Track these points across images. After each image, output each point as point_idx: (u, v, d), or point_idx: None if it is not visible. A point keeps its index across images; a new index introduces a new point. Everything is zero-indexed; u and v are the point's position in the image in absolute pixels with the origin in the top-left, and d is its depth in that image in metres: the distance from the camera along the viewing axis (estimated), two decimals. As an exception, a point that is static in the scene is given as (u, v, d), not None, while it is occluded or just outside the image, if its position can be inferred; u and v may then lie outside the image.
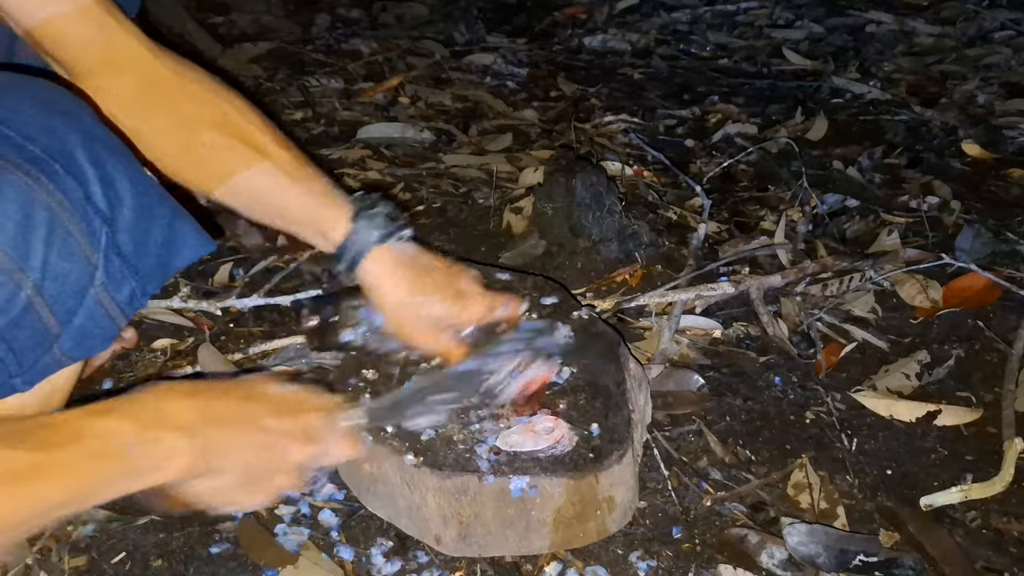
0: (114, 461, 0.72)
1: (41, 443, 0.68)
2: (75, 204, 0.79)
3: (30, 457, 0.67)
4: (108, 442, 0.71)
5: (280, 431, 0.86)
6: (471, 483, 1.00)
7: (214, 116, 1.01)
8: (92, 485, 0.71)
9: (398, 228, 1.09)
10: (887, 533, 1.09)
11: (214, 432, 0.79)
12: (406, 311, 1.10)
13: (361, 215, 1.06)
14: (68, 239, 0.80)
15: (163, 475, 0.75)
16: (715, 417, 1.30)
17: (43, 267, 0.79)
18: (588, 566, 1.04)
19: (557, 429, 1.04)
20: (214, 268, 1.61)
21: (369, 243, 1.06)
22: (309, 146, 2.10)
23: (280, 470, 0.87)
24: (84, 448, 0.70)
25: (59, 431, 0.70)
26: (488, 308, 1.13)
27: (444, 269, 1.13)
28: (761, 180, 2.00)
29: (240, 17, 2.91)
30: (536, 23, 3.10)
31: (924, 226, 1.78)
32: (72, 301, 0.82)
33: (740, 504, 1.15)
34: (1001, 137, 2.24)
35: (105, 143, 0.85)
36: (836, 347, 1.45)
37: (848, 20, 3.10)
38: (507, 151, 2.09)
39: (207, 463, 0.78)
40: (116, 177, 0.83)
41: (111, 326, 0.87)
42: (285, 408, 0.88)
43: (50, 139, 0.80)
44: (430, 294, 1.09)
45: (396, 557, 1.04)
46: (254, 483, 0.85)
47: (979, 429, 1.29)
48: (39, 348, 0.84)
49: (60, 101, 0.85)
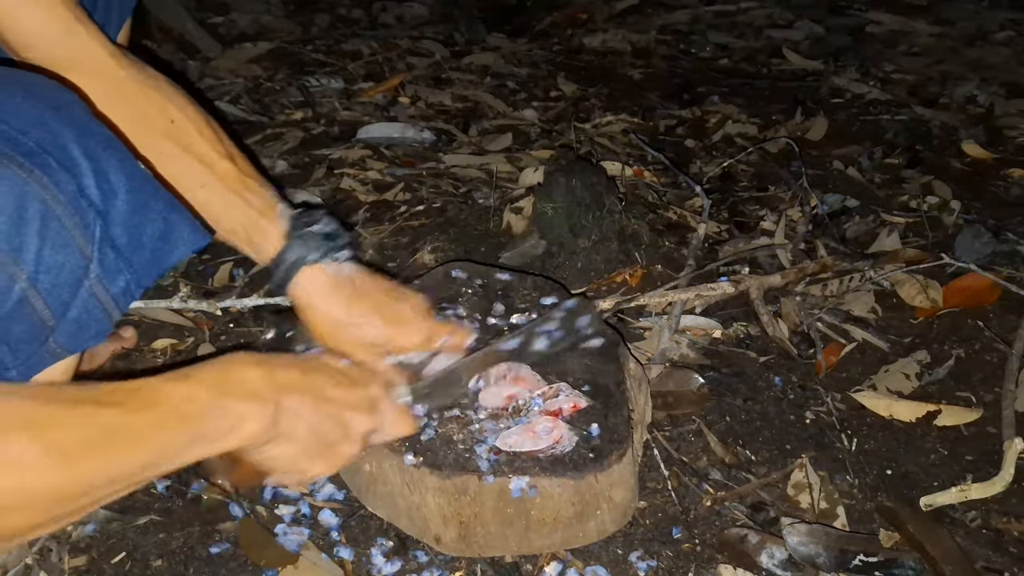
0: (190, 425, 0.74)
1: (127, 403, 0.70)
2: (68, 197, 0.79)
3: (118, 416, 0.69)
4: (185, 406, 0.74)
5: (345, 402, 0.90)
6: (471, 483, 1.00)
7: (162, 123, 1.01)
8: (169, 448, 0.73)
9: (335, 248, 1.05)
10: (887, 533, 1.09)
11: (283, 400, 0.82)
12: (339, 332, 1.07)
13: (296, 232, 1.04)
14: (62, 232, 0.79)
15: (235, 439, 0.78)
16: (715, 417, 1.30)
17: (37, 260, 0.79)
18: (588, 566, 1.04)
19: (556, 429, 1.04)
20: (214, 268, 1.61)
21: (301, 261, 1.04)
22: (309, 146, 2.11)
23: (345, 439, 0.90)
24: (162, 411, 0.72)
25: (137, 395, 0.72)
26: (426, 337, 1.10)
27: (384, 292, 1.10)
28: (761, 180, 2.00)
29: (240, 17, 2.91)
30: (536, 23, 3.10)
31: (924, 226, 1.78)
32: (66, 294, 0.82)
33: (740, 504, 1.15)
34: (1001, 137, 2.24)
35: (98, 136, 0.85)
36: (836, 347, 1.45)
37: (848, 20, 3.10)
38: (507, 151, 2.09)
39: (276, 430, 0.81)
40: (110, 170, 0.83)
41: (106, 319, 0.87)
42: (348, 380, 0.92)
43: (43, 132, 0.80)
44: (365, 316, 1.06)
45: (396, 557, 1.04)
46: (320, 451, 0.88)
47: (979, 429, 1.29)
48: (34, 341, 0.84)
49: (53, 95, 0.85)
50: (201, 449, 0.75)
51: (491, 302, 1.26)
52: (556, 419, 1.06)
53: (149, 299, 1.47)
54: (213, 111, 1.11)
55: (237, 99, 2.35)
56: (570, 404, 1.08)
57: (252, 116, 2.27)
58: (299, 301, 1.07)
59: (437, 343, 1.10)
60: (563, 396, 1.08)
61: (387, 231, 1.74)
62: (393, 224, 1.77)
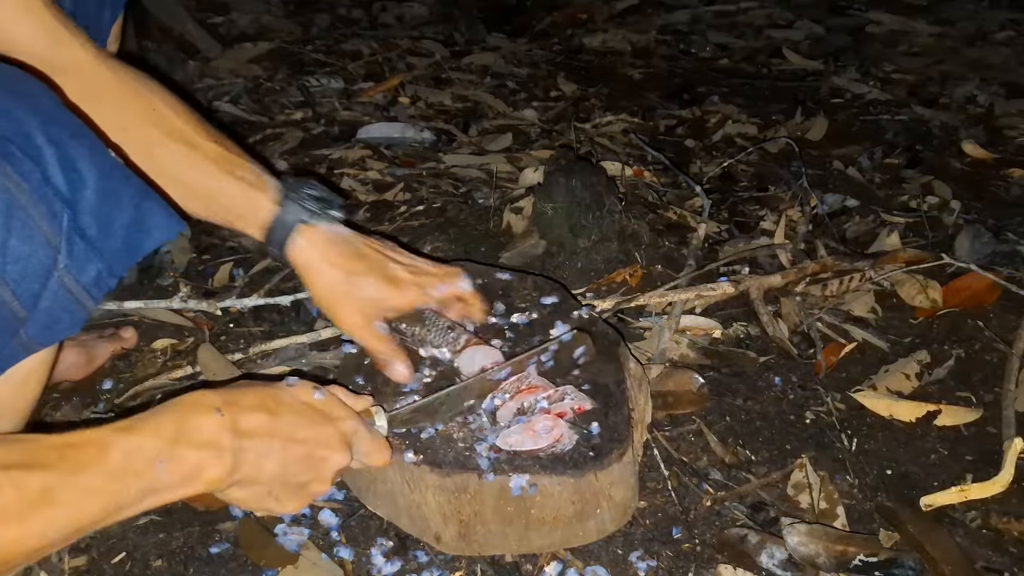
0: (139, 479, 0.71)
1: (64, 463, 0.68)
2: (33, 186, 0.78)
3: (54, 479, 0.66)
4: (133, 460, 0.71)
5: (317, 441, 0.87)
6: (471, 481, 1.00)
7: (145, 112, 1.02)
8: (118, 504, 0.70)
9: (327, 208, 1.08)
10: (887, 533, 1.09)
11: (243, 446, 0.79)
12: (335, 289, 1.09)
13: (289, 196, 1.06)
14: (27, 222, 0.78)
15: (190, 489, 0.76)
16: (715, 417, 1.30)
17: (3, 250, 0.77)
18: (588, 566, 1.04)
19: (556, 428, 1.04)
20: (214, 268, 1.61)
21: (296, 221, 1.06)
22: (309, 146, 2.11)
23: (317, 478, 0.88)
24: (108, 467, 0.70)
25: (82, 451, 0.69)
26: (422, 292, 1.12)
27: (378, 251, 1.12)
28: (761, 180, 2.00)
29: (240, 17, 2.91)
30: (536, 23, 3.10)
31: (924, 226, 1.78)
32: (36, 285, 0.81)
33: (740, 504, 1.15)
34: (1001, 137, 2.24)
35: (65, 125, 0.83)
36: (836, 347, 1.45)
37: (848, 20, 3.10)
38: (507, 151, 2.09)
39: (238, 475, 0.79)
40: (77, 159, 0.82)
41: (79, 310, 0.86)
42: (319, 416, 0.88)
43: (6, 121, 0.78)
44: (361, 276, 1.08)
45: (396, 557, 1.04)
46: (290, 491, 0.86)
47: (979, 429, 1.29)
48: (5, 333, 0.82)
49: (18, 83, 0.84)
50: (155, 499, 0.73)
51: (491, 302, 1.26)
52: (556, 418, 1.06)
53: (149, 299, 1.48)
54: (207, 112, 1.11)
55: (237, 99, 2.35)
56: (576, 406, 1.08)
57: (252, 116, 2.27)
58: (297, 261, 1.08)
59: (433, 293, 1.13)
60: (568, 399, 1.08)
61: (387, 231, 1.74)
62: (393, 224, 1.77)
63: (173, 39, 2.58)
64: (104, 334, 1.39)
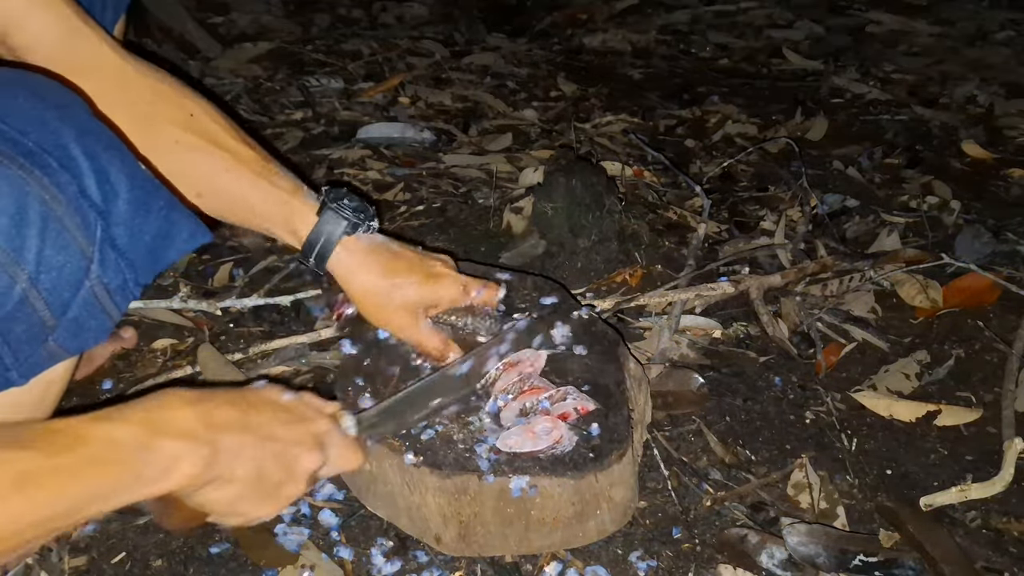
0: (118, 467, 0.71)
1: (45, 448, 0.67)
2: (69, 197, 0.79)
3: (34, 460, 0.66)
4: (112, 448, 0.71)
5: (290, 439, 0.85)
6: (471, 482, 1.00)
7: (181, 116, 1.02)
8: (96, 492, 0.70)
9: (366, 219, 1.09)
10: (887, 533, 1.09)
11: (221, 440, 0.79)
12: (380, 295, 1.11)
13: (327, 208, 1.07)
14: (63, 232, 0.79)
15: (169, 483, 0.75)
16: (715, 417, 1.30)
17: (38, 260, 0.79)
18: (588, 566, 1.04)
19: (556, 430, 1.04)
20: (214, 268, 1.61)
21: (336, 234, 1.07)
22: (309, 146, 2.11)
23: (291, 479, 0.86)
24: (87, 454, 0.69)
25: (63, 436, 0.69)
26: (463, 290, 1.14)
27: (415, 254, 1.14)
28: (761, 180, 2.00)
29: (240, 17, 2.91)
30: (536, 23, 3.10)
31: (924, 226, 1.78)
32: (67, 294, 0.82)
33: (740, 504, 1.15)
34: (1001, 137, 2.24)
35: (99, 136, 0.85)
36: (836, 347, 1.45)
37: (848, 20, 3.10)
38: (507, 151, 2.09)
39: (215, 471, 0.78)
40: (110, 170, 0.83)
41: (105, 319, 0.87)
42: (292, 416, 0.88)
43: (43, 133, 0.80)
44: (404, 277, 1.10)
45: (396, 557, 1.04)
46: (263, 493, 0.85)
47: (979, 429, 1.29)
48: (34, 341, 0.84)
49: (54, 95, 0.85)
50: (133, 491, 0.72)
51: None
52: (556, 419, 1.05)
53: (149, 299, 1.48)
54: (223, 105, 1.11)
55: (237, 99, 2.35)
56: (579, 407, 1.08)
57: (252, 116, 2.27)
58: (339, 273, 1.10)
59: (472, 293, 1.15)
60: (571, 400, 1.08)
61: (387, 231, 1.74)
62: (393, 224, 1.77)
63: (173, 39, 2.58)
64: (104, 334, 1.39)
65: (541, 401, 1.07)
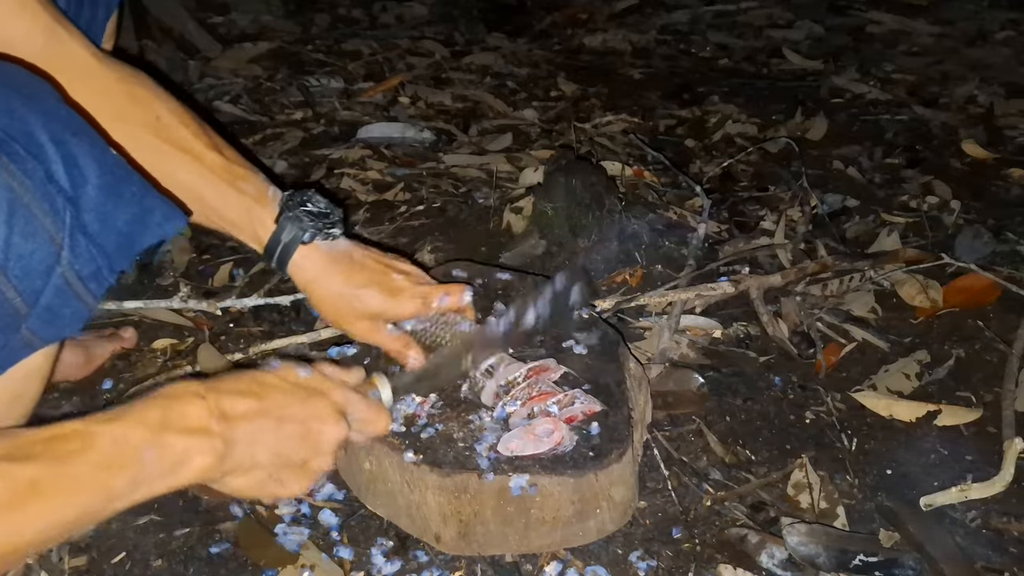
0: (127, 469, 0.70)
1: (50, 455, 0.67)
2: (36, 184, 0.78)
3: (42, 470, 0.66)
4: (121, 450, 0.70)
5: (309, 416, 0.85)
6: (471, 481, 1.00)
7: (147, 118, 1.01)
8: (107, 494, 0.69)
9: (326, 226, 1.08)
10: (887, 533, 1.09)
11: (234, 430, 0.78)
12: (340, 303, 1.10)
13: (286, 214, 1.06)
14: (31, 220, 0.78)
15: (182, 478, 0.74)
16: (715, 417, 1.30)
17: (5, 247, 0.77)
18: (588, 566, 1.04)
19: (557, 432, 1.04)
20: (214, 268, 1.61)
21: (296, 241, 1.06)
22: (309, 146, 2.11)
23: (317, 453, 0.86)
24: (95, 457, 0.69)
25: (68, 441, 0.68)
26: (422, 303, 1.12)
27: (376, 263, 1.12)
28: (761, 180, 2.00)
29: (240, 17, 2.91)
30: (536, 23, 3.10)
31: (924, 226, 1.78)
32: (38, 281, 0.81)
33: (740, 504, 1.15)
34: (1001, 137, 2.24)
35: (67, 122, 0.83)
36: (836, 347, 1.45)
37: (848, 20, 3.10)
38: (507, 151, 2.09)
39: (231, 462, 0.78)
40: (79, 156, 0.82)
41: (81, 306, 0.86)
42: (308, 392, 0.87)
43: (9, 119, 0.78)
44: (363, 289, 1.09)
45: (396, 557, 1.04)
46: (291, 471, 0.85)
47: (979, 429, 1.29)
48: (8, 329, 0.82)
49: (21, 82, 0.84)
50: (147, 490, 0.72)
51: (491, 302, 1.26)
52: (556, 421, 1.05)
53: (149, 299, 1.48)
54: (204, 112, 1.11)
55: (237, 99, 2.35)
56: (587, 410, 1.08)
57: (252, 116, 2.27)
58: (299, 279, 1.09)
59: (434, 304, 1.13)
60: (579, 403, 1.08)
61: (387, 231, 1.74)
62: (393, 224, 1.77)
63: (173, 39, 2.58)
64: (104, 334, 1.39)
65: (549, 406, 1.07)
